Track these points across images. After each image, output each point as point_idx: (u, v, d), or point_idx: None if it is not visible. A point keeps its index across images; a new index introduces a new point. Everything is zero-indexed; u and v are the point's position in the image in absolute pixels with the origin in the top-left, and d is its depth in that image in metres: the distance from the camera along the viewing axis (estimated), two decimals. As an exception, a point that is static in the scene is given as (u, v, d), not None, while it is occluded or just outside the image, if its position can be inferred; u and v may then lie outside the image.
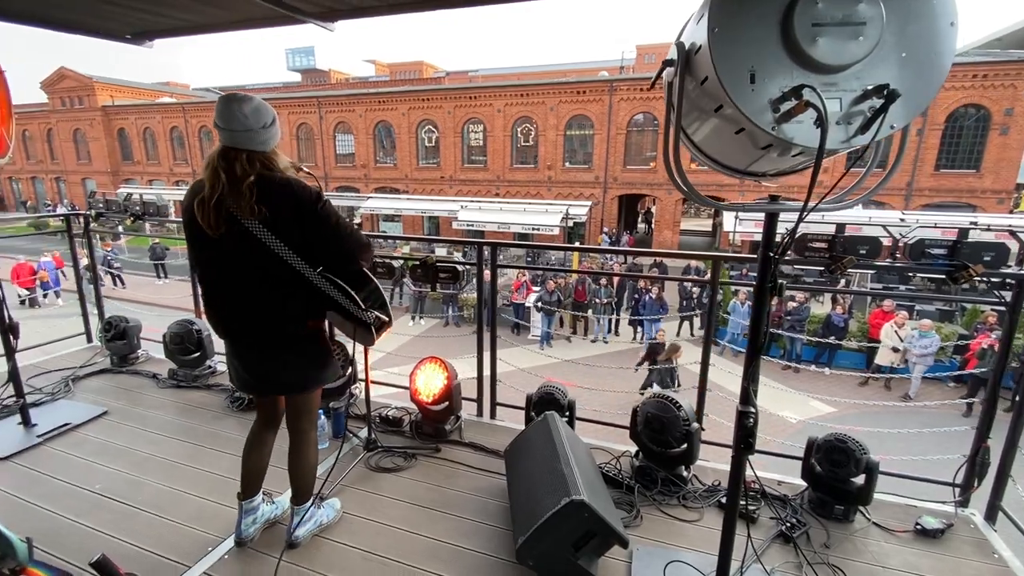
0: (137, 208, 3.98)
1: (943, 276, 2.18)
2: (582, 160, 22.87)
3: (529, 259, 21.01)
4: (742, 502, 2.18)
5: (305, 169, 2.06)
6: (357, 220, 27.10)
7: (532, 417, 2.81)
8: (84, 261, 4.71)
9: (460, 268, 3.05)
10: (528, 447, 2.38)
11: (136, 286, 15.66)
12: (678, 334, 12.61)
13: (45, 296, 14.10)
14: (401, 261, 3.19)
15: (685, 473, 2.51)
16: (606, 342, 12.30)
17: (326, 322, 2.00)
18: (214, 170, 1.73)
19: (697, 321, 12.54)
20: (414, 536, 2.22)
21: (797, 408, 8.78)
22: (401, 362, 8.02)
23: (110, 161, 32.62)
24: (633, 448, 2.68)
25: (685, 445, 2.44)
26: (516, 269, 12.10)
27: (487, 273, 3.27)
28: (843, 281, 11.46)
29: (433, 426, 2.96)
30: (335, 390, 3.21)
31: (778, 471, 2.71)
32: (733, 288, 11.46)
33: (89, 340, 4.48)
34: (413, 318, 13.63)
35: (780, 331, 10.03)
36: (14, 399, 3.04)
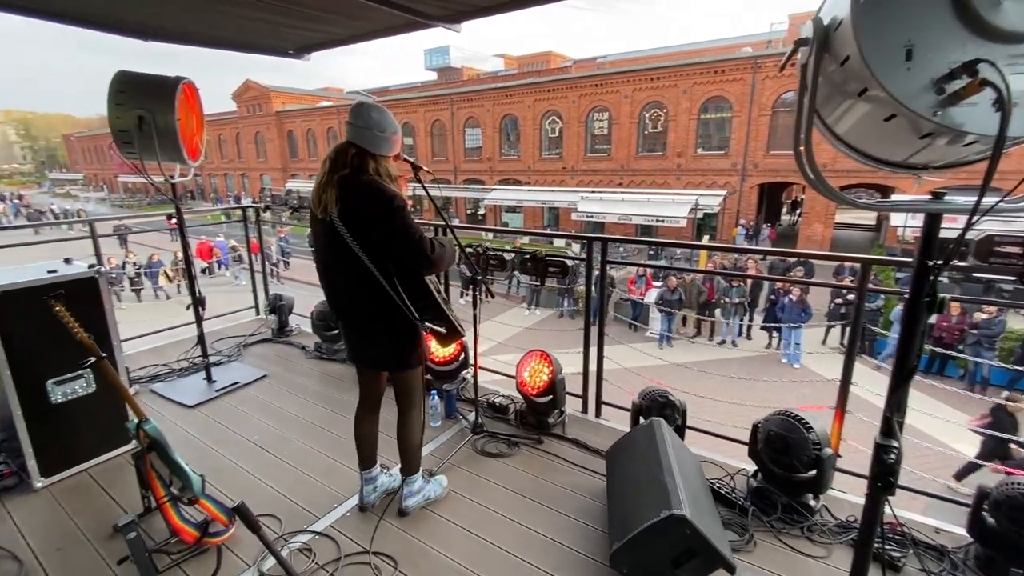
0: (295, 202, 4.59)
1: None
2: (717, 145, 21.16)
3: (651, 253, 20.16)
4: (883, 545, 1.88)
5: (425, 168, 2.20)
6: (481, 212, 28.35)
7: (638, 421, 2.71)
8: (270, 242, 5.58)
9: (570, 263, 3.02)
10: (631, 451, 2.30)
11: (297, 268, 18.15)
12: (824, 342, 11.18)
13: (220, 268, 17.56)
14: (513, 254, 3.26)
15: (813, 502, 2.24)
16: (735, 345, 11.34)
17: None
18: (324, 160, 1.98)
19: (848, 331, 10.97)
20: (512, 523, 2.28)
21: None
22: (511, 351, 8.25)
23: (281, 159, 38.05)
24: (751, 466, 2.45)
25: (814, 471, 2.16)
26: (631, 266, 11.62)
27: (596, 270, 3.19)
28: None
29: (537, 417, 3.00)
30: (447, 373, 3.41)
31: (938, 516, 2.28)
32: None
33: (257, 313, 5.31)
34: (528, 308, 13.90)
35: (960, 349, 8.36)
36: (201, 359, 3.73)
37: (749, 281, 11.27)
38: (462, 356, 3.42)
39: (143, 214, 19.43)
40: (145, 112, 2.95)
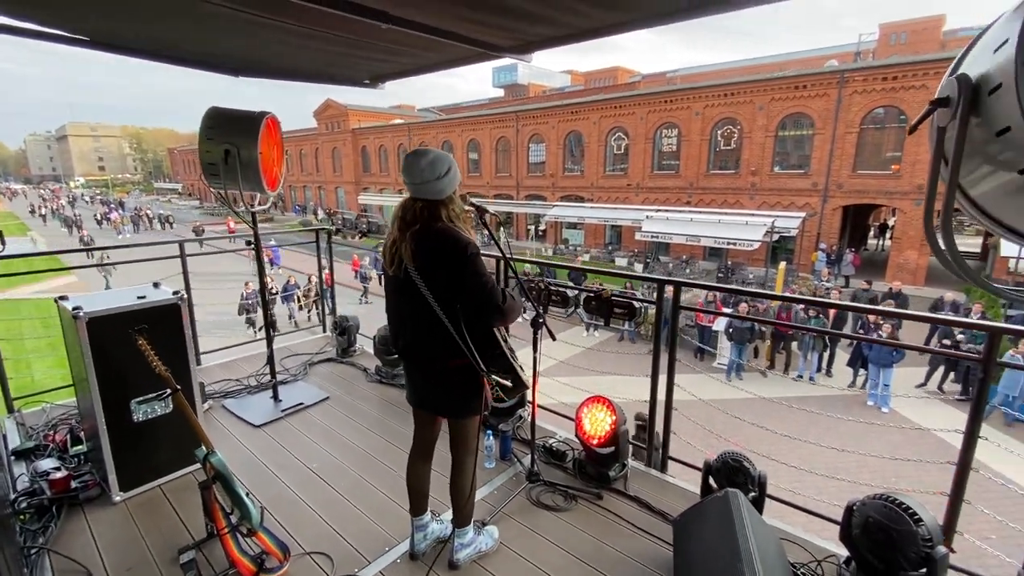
0: (364, 226, 4.73)
1: None
2: (796, 164, 19.93)
3: (720, 275, 19.25)
4: None
5: (484, 207, 2.14)
6: (542, 227, 28.35)
7: (709, 485, 2.48)
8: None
9: (637, 305, 2.85)
10: (703, 525, 2.09)
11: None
12: (924, 384, 10.05)
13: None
14: (576, 292, 3.13)
15: (919, 606, 1.92)
16: (812, 381, 10.46)
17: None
18: (393, 218, 1.99)
19: (952, 374, 9.76)
20: (567, 590, 2.13)
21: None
22: (569, 372, 8.03)
23: (354, 173, 40.10)
24: (842, 551, 2.16)
25: (924, 571, 1.86)
26: (696, 287, 10.96)
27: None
28: None
29: (597, 469, 2.83)
30: (504, 411, 3.32)
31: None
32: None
33: (324, 331, 5.49)
34: (588, 328, 13.61)
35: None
36: (268, 378, 3.87)
37: (832, 312, 10.35)
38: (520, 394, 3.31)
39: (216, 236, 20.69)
40: (231, 146, 3.12)
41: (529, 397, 3.04)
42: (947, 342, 8.94)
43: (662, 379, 3.00)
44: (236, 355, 4.76)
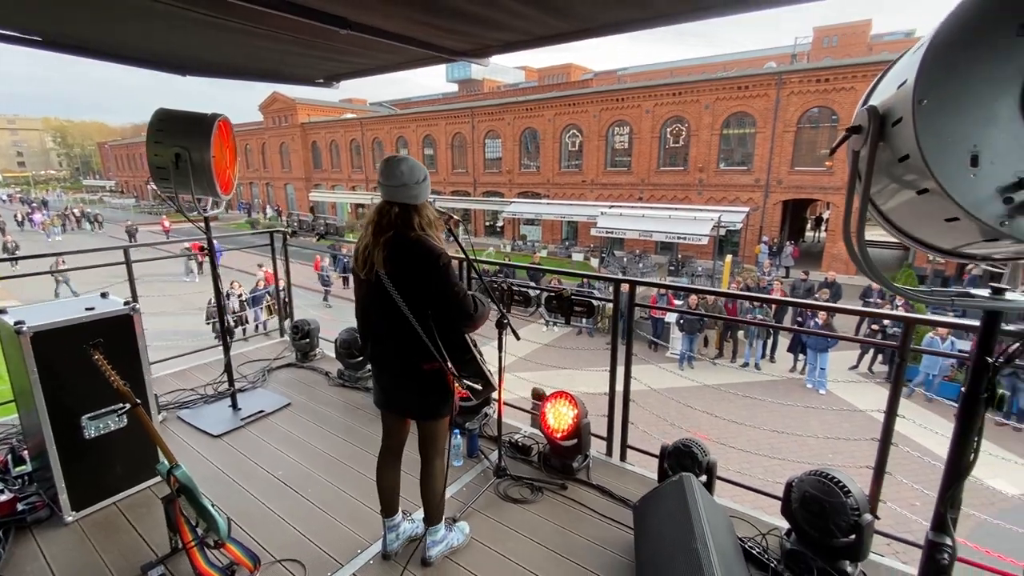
0: (322, 228, 4.66)
1: None
2: (740, 161, 20.93)
3: (672, 268, 19.97)
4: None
5: (449, 213, 2.20)
6: (500, 224, 28.45)
7: (666, 470, 2.65)
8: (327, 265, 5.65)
9: (595, 303, 2.99)
10: (660, 509, 2.25)
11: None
12: (855, 366, 10.87)
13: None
14: (537, 291, 3.24)
15: (851, 569, 2.14)
16: (758, 368, 11.10)
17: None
18: (368, 223, 2.00)
19: (881, 356, 10.61)
20: (536, 578, 2.24)
21: (1016, 478, 6.98)
22: (530, 367, 8.18)
23: (304, 169, 38.79)
24: (784, 524, 2.37)
25: (853, 537, 2.08)
26: (650, 286, 11.35)
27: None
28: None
29: (561, 461, 2.96)
30: (470, 410, 3.39)
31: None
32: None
33: (281, 335, 5.37)
34: (547, 324, 13.83)
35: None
36: (225, 386, 3.77)
37: (774, 305, 11.03)
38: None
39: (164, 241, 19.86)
40: (182, 149, 3.02)
41: (495, 396, 3.12)
42: (876, 327, 9.70)
43: (620, 372, 3.16)
44: (187, 364, 4.59)
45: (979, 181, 0.92)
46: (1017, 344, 1.10)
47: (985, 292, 1.14)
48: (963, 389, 1.19)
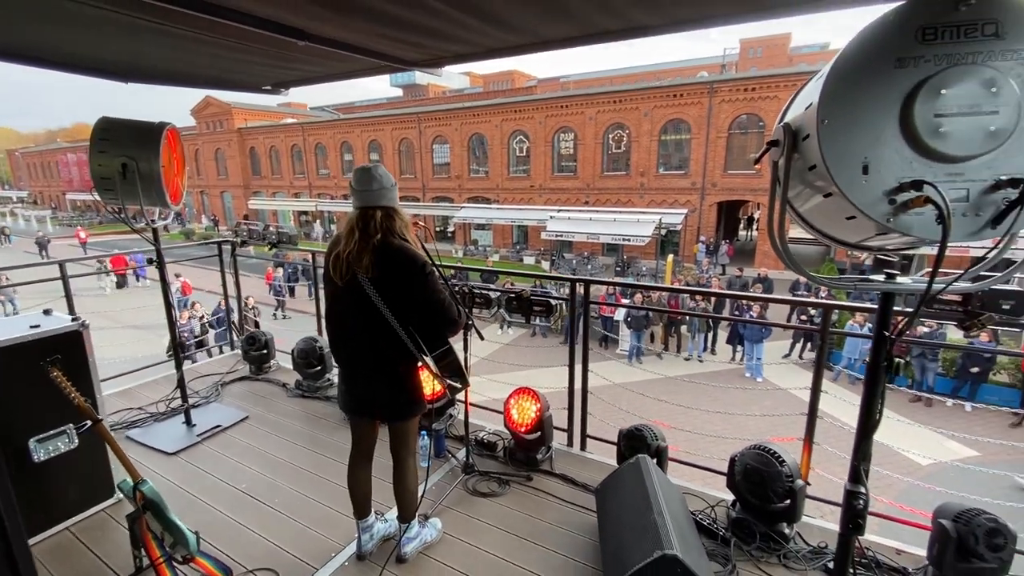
0: (273, 237, 4.57)
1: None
2: (677, 166, 22.02)
3: (619, 269, 20.67)
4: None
5: (421, 223, 2.30)
6: (451, 230, 28.39)
7: (623, 453, 2.84)
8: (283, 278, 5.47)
9: (554, 303, 3.15)
10: (620, 489, 2.42)
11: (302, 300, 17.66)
12: (788, 355, 11.70)
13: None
14: (498, 293, 3.37)
15: (787, 530, 2.41)
16: (700, 360, 11.75)
17: (419, 364, 2.20)
18: (351, 230, 2.03)
19: (809, 344, 11.51)
20: (507, 564, 2.35)
21: (928, 448, 7.78)
22: (492, 369, 8.31)
23: (243, 176, 37.11)
24: (730, 496, 2.61)
25: (788, 501, 2.34)
26: (604, 284, 11.85)
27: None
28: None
29: (526, 454, 3.10)
30: (436, 411, 3.47)
31: (896, 537, 2.49)
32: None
33: (232, 348, 5.21)
34: (502, 326, 14.00)
35: (908, 361, 8.97)
36: (178, 403, 3.65)
37: (713, 298, 11.73)
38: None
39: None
40: (128, 159, 2.93)
41: (460, 396, 3.21)
42: (804, 317, 10.51)
43: (577, 367, 3.35)
44: (133, 382, 4.38)
45: (870, 186, 1.14)
46: (904, 320, 1.33)
47: (881, 277, 1.38)
48: (866, 360, 1.42)
